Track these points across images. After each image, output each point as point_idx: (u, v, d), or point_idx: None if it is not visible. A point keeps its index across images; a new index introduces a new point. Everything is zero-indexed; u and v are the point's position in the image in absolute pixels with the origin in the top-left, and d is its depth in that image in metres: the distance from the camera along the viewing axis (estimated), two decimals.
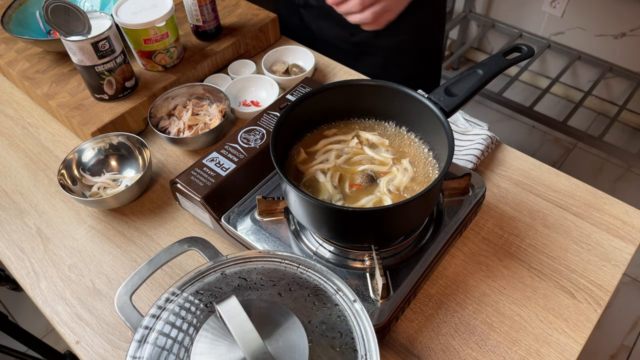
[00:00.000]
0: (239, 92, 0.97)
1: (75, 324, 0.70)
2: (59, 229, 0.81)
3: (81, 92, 0.93)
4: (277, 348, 0.47)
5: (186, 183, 0.73)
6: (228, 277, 0.55)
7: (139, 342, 0.50)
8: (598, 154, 2.19)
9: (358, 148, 0.70)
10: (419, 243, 0.68)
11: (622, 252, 0.72)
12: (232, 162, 0.76)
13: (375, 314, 0.61)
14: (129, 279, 0.60)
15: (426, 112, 0.64)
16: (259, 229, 0.70)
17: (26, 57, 1.01)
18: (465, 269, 0.71)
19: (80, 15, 0.81)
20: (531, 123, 2.30)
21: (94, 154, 0.86)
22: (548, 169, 0.83)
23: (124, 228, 0.80)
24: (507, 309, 0.67)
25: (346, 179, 0.67)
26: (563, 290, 0.69)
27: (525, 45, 0.67)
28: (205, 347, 0.48)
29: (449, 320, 0.66)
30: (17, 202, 0.85)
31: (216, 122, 0.88)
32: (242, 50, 1.05)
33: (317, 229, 0.64)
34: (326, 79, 1.02)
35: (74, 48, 0.83)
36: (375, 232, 0.63)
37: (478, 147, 0.82)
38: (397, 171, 0.67)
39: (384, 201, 0.64)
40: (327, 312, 0.51)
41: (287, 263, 0.56)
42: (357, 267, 0.66)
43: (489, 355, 0.63)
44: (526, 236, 0.74)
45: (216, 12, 0.99)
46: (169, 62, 0.96)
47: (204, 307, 0.53)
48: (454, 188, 0.72)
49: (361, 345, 0.49)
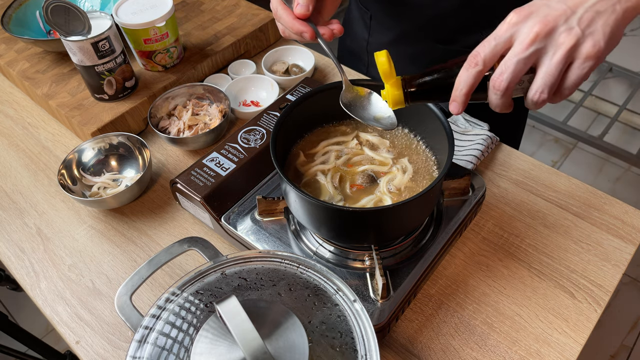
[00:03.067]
0: (239, 92, 0.97)
1: (75, 324, 0.70)
2: (59, 229, 0.81)
3: (81, 92, 0.93)
4: (277, 348, 0.47)
5: (186, 183, 0.73)
6: (228, 277, 0.55)
7: (139, 342, 0.50)
8: (598, 154, 2.19)
9: (358, 149, 0.70)
10: (419, 243, 0.68)
11: (622, 252, 0.72)
12: (232, 162, 0.76)
13: (375, 314, 0.61)
14: (129, 279, 0.60)
15: (426, 112, 0.64)
16: (259, 229, 0.70)
17: (26, 57, 1.01)
18: (465, 269, 0.71)
19: (80, 15, 0.81)
20: (531, 123, 2.30)
21: (94, 154, 0.86)
22: (548, 169, 0.83)
23: (124, 228, 0.80)
24: (507, 309, 0.67)
25: (347, 179, 0.67)
26: (563, 290, 0.69)
27: None
28: (205, 347, 0.48)
29: (449, 320, 0.66)
30: (17, 202, 0.85)
31: (216, 122, 0.88)
32: (242, 50, 1.05)
33: (317, 229, 0.64)
34: (326, 79, 1.02)
35: (74, 48, 0.83)
36: (375, 232, 0.63)
37: (478, 147, 0.82)
38: (397, 171, 0.67)
39: (384, 201, 0.64)
40: (327, 312, 0.51)
41: (287, 263, 0.56)
42: (357, 267, 0.66)
43: (489, 355, 0.63)
44: (526, 236, 0.74)
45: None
46: (169, 62, 0.96)
47: (204, 307, 0.53)
48: (454, 188, 0.72)
49: (361, 345, 0.49)
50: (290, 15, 0.61)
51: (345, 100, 0.58)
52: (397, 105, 0.55)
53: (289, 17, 0.61)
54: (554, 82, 0.47)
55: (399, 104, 0.55)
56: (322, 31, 0.61)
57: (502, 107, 0.51)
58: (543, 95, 0.48)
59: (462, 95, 0.51)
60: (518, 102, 0.52)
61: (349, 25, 1.04)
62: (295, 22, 0.61)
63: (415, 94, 0.54)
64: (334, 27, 0.62)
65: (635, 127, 2.27)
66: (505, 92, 0.49)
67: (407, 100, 0.54)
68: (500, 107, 0.51)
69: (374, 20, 0.95)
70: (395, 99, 0.55)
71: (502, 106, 0.51)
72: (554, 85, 0.48)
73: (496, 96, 0.50)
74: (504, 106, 0.51)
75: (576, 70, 0.47)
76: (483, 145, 0.82)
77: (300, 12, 0.60)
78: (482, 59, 0.49)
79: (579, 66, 0.46)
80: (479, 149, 0.82)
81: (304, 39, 0.61)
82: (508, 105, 0.51)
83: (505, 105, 0.51)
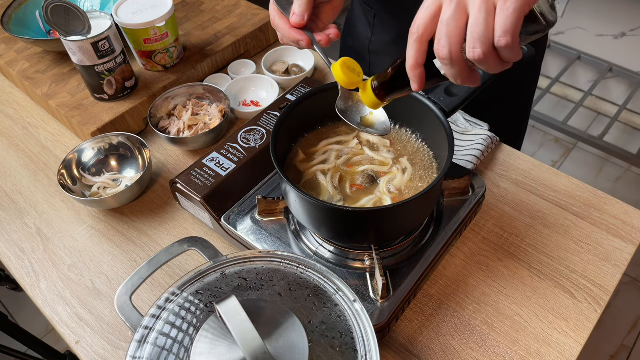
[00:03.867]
0: (239, 92, 0.97)
1: (75, 324, 0.70)
2: (59, 229, 0.81)
3: (81, 92, 0.93)
4: (277, 348, 0.47)
5: (186, 183, 0.73)
6: (228, 277, 0.55)
7: (139, 342, 0.50)
8: (598, 154, 2.19)
9: (358, 149, 0.70)
10: (419, 243, 0.68)
11: (622, 252, 0.72)
12: (232, 162, 0.76)
13: (375, 314, 0.61)
14: (129, 279, 0.60)
15: (426, 112, 0.64)
16: (259, 229, 0.70)
17: (26, 57, 1.01)
18: (465, 269, 0.71)
19: (80, 15, 0.81)
20: (531, 123, 2.30)
21: (94, 154, 0.86)
22: (548, 169, 0.83)
23: (124, 228, 0.80)
24: (507, 309, 0.67)
25: (347, 179, 0.67)
26: (563, 290, 0.69)
27: (525, 46, 0.67)
28: (205, 347, 0.48)
29: (449, 320, 0.66)
30: (17, 202, 0.85)
31: (216, 122, 0.88)
32: (242, 50, 1.05)
33: (317, 229, 0.64)
34: (326, 79, 1.02)
35: (74, 48, 0.83)
36: (375, 232, 0.63)
37: (478, 147, 0.82)
38: (397, 171, 0.67)
39: (384, 201, 0.64)
40: (327, 312, 0.51)
41: (287, 263, 0.56)
42: (357, 267, 0.66)
43: (489, 355, 0.63)
44: (526, 236, 0.74)
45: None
46: (169, 62, 0.96)
47: (204, 307, 0.53)
48: (454, 188, 0.72)
49: (361, 345, 0.49)
50: (287, 24, 0.61)
51: (341, 106, 0.58)
52: (375, 106, 0.55)
53: (286, 26, 0.61)
54: (482, 32, 0.43)
55: (377, 104, 0.55)
56: (318, 38, 0.61)
57: (458, 76, 0.47)
58: (477, 51, 0.44)
59: (411, 69, 0.48)
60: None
61: (352, 25, 1.04)
62: (292, 31, 0.61)
63: (385, 89, 0.53)
64: (331, 31, 0.62)
65: (635, 127, 2.27)
66: (450, 59, 0.45)
67: (382, 98, 0.54)
68: (456, 76, 0.47)
69: (377, 18, 0.95)
70: (369, 101, 0.55)
71: (458, 76, 0.47)
72: (484, 36, 0.43)
73: (446, 66, 0.46)
74: (460, 76, 0.47)
75: (502, 14, 0.43)
76: (483, 145, 0.82)
77: (296, 22, 0.60)
78: (417, 26, 0.47)
79: (502, 7, 0.42)
80: (479, 149, 0.82)
81: (301, 47, 0.62)
82: (466, 76, 0.47)
83: (462, 75, 0.47)
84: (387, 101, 0.55)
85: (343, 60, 0.55)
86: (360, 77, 0.55)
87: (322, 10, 0.64)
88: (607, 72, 2.14)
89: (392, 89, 0.53)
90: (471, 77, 0.48)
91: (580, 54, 2.19)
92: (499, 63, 0.45)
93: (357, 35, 1.03)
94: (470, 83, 0.48)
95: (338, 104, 0.58)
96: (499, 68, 0.46)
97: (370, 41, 0.99)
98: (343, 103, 0.58)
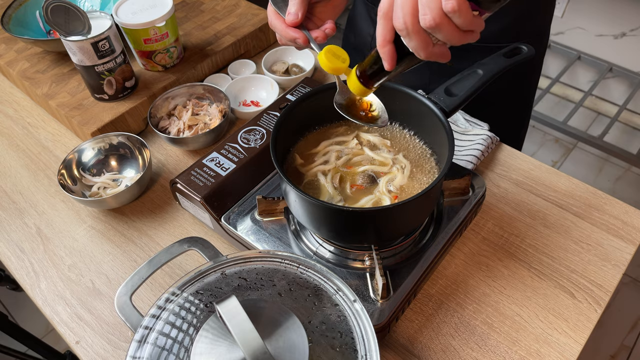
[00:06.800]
0: (239, 92, 0.97)
1: (75, 324, 0.70)
2: (59, 229, 0.81)
3: (81, 92, 0.93)
4: (277, 348, 0.47)
5: (186, 183, 0.73)
6: (228, 277, 0.55)
7: (139, 342, 0.50)
8: (598, 154, 2.19)
9: (358, 149, 0.70)
10: (419, 243, 0.68)
11: (622, 252, 0.72)
12: (232, 162, 0.76)
13: (375, 314, 0.61)
14: (129, 279, 0.60)
15: (426, 112, 0.64)
16: (259, 229, 0.70)
17: (26, 57, 1.01)
18: (465, 269, 0.71)
19: (80, 15, 0.81)
20: (531, 123, 2.30)
21: (94, 154, 0.86)
22: (548, 169, 0.83)
23: (124, 228, 0.80)
24: (507, 309, 0.67)
25: (347, 180, 0.67)
26: (563, 290, 0.69)
27: (526, 46, 0.67)
28: (205, 347, 0.48)
29: (449, 320, 0.66)
30: (17, 202, 0.85)
31: (216, 122, 0.88)
32: (242, 50, 1.05)
33: (317, 229, 0.64)
34: (326, 79, 1.02)
35: (74, 48, 0.83)
36: (375, 232, 0.63)
37: (478, 147, 0.82)
38: (397, 171, 0.67)
39: (383, 201, 0.64)
40: (327, 312, 0.51)
41: (287, 263, 0.56)
42: (357, 267, 0.66)
43: (489, 355, 0.63)
44: (526, 236, 0.74)
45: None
46: (169, 62, 0.96)
47: (204, 307, 0.53)
48: (454, 188, 0.72)
49: (361, 345, 0.49)
50: (283, 23, 0.62)
51: (339, 100, 0.59)
52: (361, 93, 0.56)
53: (282, 26, 0.62)
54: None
55: (364, 91, 0.56)
56: (314, 34, 0.62)
57: (420, 49, 0.47)
58: (427, 17, 0.44)
59: (380, 47, 0.49)
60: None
61: (354, 22, 1.05)
62: (288, 29, 0.62)
63: (369, 75, 0.54)
64: (326, 26, 0.63)
65: (635, 127, 2.27)
66: (406, 29, 0.45)
67: (367, 84, 0.55)
68: (418, 49, 0.47)
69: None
70: (354, 88, 0.55)
71: (420, 48, 0.47)
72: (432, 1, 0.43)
73: (405, 38, 0.47)
74: (422, 49, 0.47)
75: None
76: (483, 145, 0.82)
77: (291, 20, 0.61)
78: (382, 2, 0.48)
79: None
80: (479, 149, 0.82)
81: (298, 45, 0.62)
82: (429, 49, 0.47)
83: (425, 48, 0.46)
84: (373, 88, 0.55)
85: (328, 47, 0.55)
86: (345, 64, 0.56)
87: (321, 9, 0.64)
88: (607, 72, 2.14)
89: (373, 74, 0.54)
90: (436, 51, 0.47)
91: (580, 54, 2.19)
92: (456, 32, 0.45)
93: (359, 32, 1.03)
94: (437, 58, 0.48)
95: (336, 99, 0.58)
96: (459, 37, 0.46)
97: (372, 37, 0.99)
98: (341, 97, 0.59)
